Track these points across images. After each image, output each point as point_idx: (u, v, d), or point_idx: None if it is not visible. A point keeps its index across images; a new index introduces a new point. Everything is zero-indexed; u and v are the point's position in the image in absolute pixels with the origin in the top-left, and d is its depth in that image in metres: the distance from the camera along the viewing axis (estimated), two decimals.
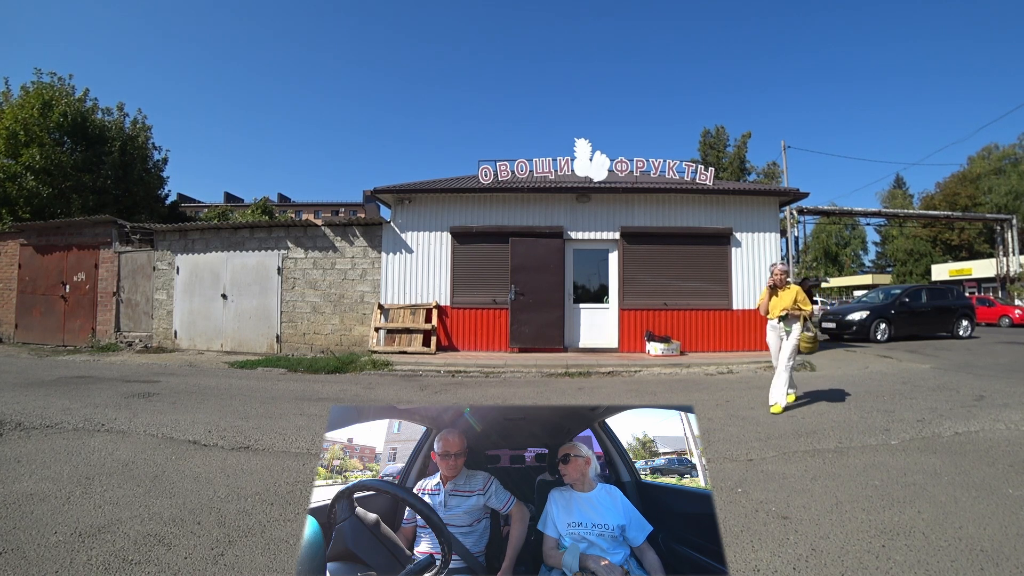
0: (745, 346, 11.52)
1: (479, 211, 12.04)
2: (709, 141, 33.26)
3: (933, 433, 5.14)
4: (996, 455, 4.44)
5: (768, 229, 11.94)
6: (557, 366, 9.76)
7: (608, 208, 11.85)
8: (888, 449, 4.61)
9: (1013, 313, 25.00)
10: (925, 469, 4.07)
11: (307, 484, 3.81)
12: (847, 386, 7.83)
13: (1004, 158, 48.27)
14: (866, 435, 5.05)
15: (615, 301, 11.67)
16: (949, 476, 3.92)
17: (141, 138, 20.93)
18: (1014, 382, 8.13)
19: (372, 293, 12.25)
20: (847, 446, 4.69)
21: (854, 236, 60.03)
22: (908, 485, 3.73)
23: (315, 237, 12.56)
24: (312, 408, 6.52)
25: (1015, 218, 33.00)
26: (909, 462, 4.24)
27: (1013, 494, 3.58)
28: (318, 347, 12.21)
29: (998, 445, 4.74)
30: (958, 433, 5.14)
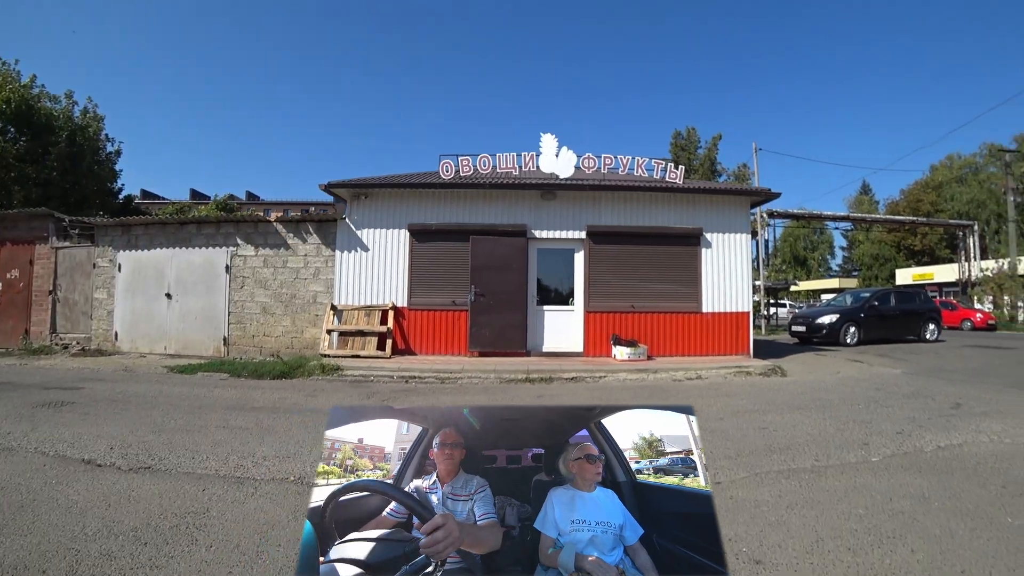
0: (715, 350, 11.10)
1: (439, 208, 11.42)
2: (680, 143, 33.15)
3: (914, 447, 4.70)
4: (985, 474, 4.01)
5: (739, 230, 11.57)
6: (518, 371, 9.21)
7: (574, 206, 11.33)
8: (869, 467, 4.14)
9: (974, 317, 25.43)
10: (912, 492, 3.60)
11: (201, 515, 3.23)
12: (820, 393, 7.44)
13: (965, 167, 49.78)
14: (844, 450, 4.58)
15: (580, 303, 11.14)
16: (939, 501, 3.45)
17: (92, 128, 19.86)
18: (987, 388, 7.89)
19: (325, 293, 11.54)
20: (825, 464, 4.21)
21: (822, 240, 61.41)
22: (896, 514, 3.24)
23: (266, 234, 11.81)
24: (239, 419, 5.87)
25: (976, 224, 33.84)
26: (893, 483, 3.77)
27: (1014, 524, 3.12)
28: (268, 350, 11.46)
29: (985, 461, 4.32)
30: (940, 447, 4.71)
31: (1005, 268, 29.11)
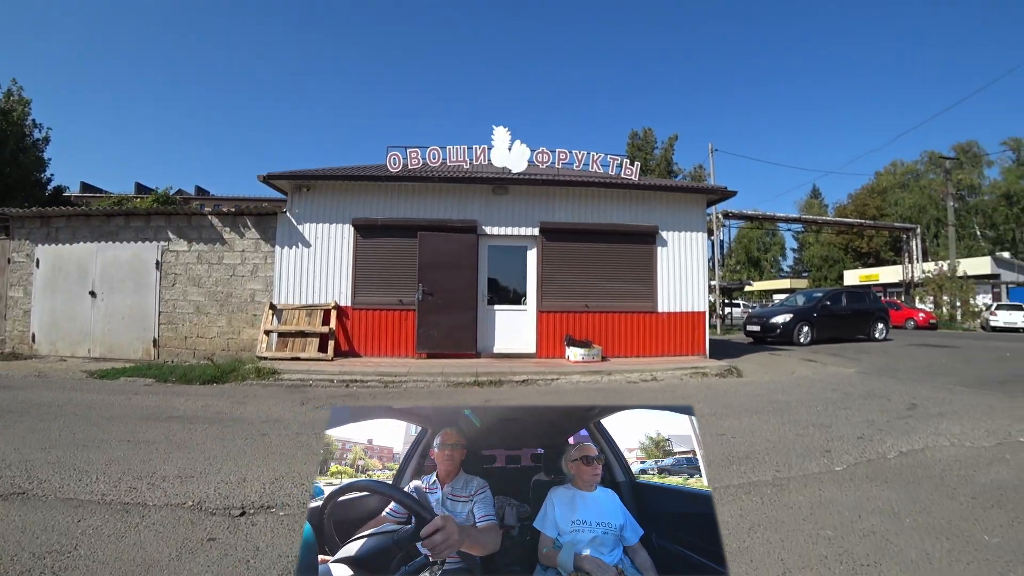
0: (671, 351, 10.84)
1: (386, 202, 10.82)
2: (637, 143, 33.25)
3: (877, 454, 4.43)
4: (952, 483, 3.74)
5: (695, 228, 11.36)
6: (466, 374, 8.73)
7: (527, 202, 10.90)
8: (833, 478, 3.82)
9: (917, 316, 26.26)
10: (881, 508, 3.27)
11: (64, 555, 2.65)
12: (777, 395, 7.21)
13: (908, 173, 52.01)
14: (806, 459, 4.26)
15: (533, 302, 10.71)
16: (911, 517, 3.13)
17: (17, 112, 18.44)
18: (938, 387, 7.85)
19: (264, 292, 10.80)
20: (787, 475, 3.86)
21: (774, 242, 63.20)
22: (867, 535, 2.89)
23: (200, 228, 10.97)
24: (149, 431, 5.21)
25: (919, 228, 35.16)
26: (860, 497, 3.45)
27: (991, 542, 2.81)
28: (202, 352, 10.65)
29: (950, 468, 4.06)
30: (903, 453, 4.45)
31: (945, 269, 30.21)
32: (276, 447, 4.75)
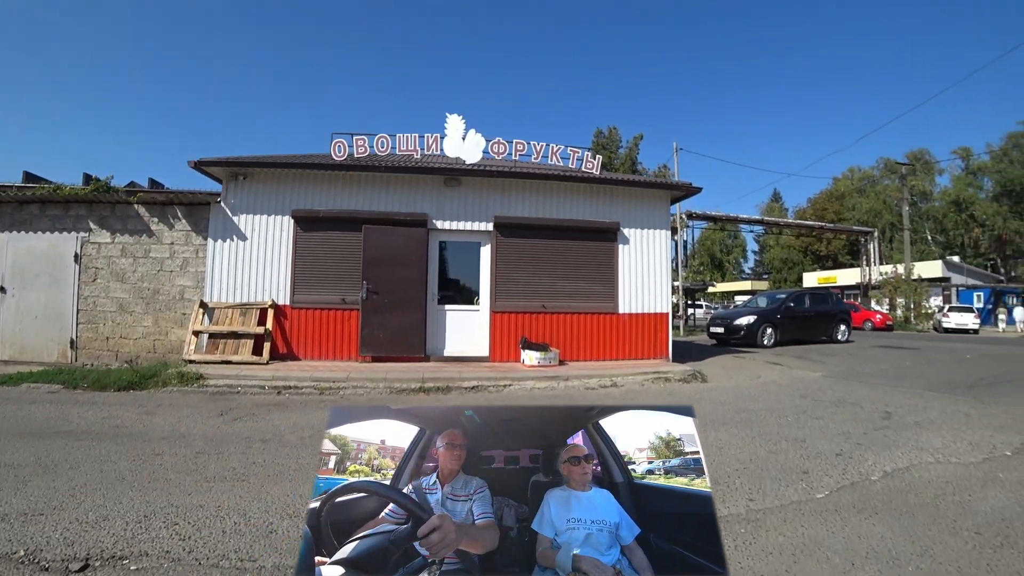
0: (632, 354, 10.29)
1: (329, 193, 9.97)
2: (602, 141, 32.91)
3: (860, 475, 3.88)
4: (950, 512, 3.21)
5: (659, 226, 10.84)
6: (412, 380, 8.01)
7: (481, 195, 10.19)
8: (816, 509, 3.24)
9: (874, 318, 26.69)
10: (877, 550, 2.69)
11: None
12: (744, 402, 6.69)
13: (864, 179, 53.46)
14: (782, 483, 3.68)
15: (487, 302, 9.99)
16: (913, 563, 2.56)
17: None
18: (908, 392, 7.51)
19: (195, 288, 9.83)
20: (762, 506, 3.26)
21: (736, 244, 64.32)
22: None
23: (125, 217, 9.93)
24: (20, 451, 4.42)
25: (876, 231, 35.89)
26: (850, 535, 2.86)
27: None
28: (125, 355, 9.64)
29: (943, 493, 3.54)
30: (887, 473, 3.92)
31: (900, 272, 30.78)
32: (164, 472, 3.96)
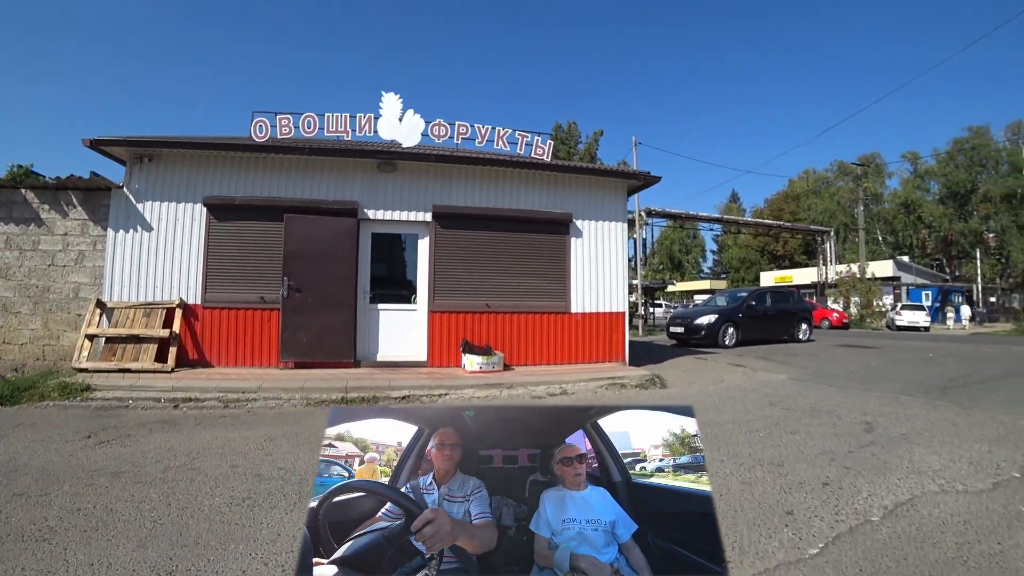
0: (586, 357, 9.45)
1: (249, 178, 8.82)
2: (561, 136, 32.18)
3: (857, 515, 3.06)
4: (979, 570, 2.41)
5: (615, 218, 10.05)
6: (333, 389, 7.02)
7: (419, 181, 9.18)
8: (811, 572, 2.39)
9: (832, 316, 26.79)
10: None
11: None
12: (708, 413, 5.89)
13: (819, 181, 54.76)
14: (763, 532, 2.82)
15: (424, 301, 8.97)
16: None
17: None
18: (884, 398, 6.89)
19: (92, 286, 8.56)
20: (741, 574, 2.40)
21: (695, 244, 65.15)
22: None
23: (11, 204, 8.58)
24: None
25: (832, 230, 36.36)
26: None
27: None
28: (9, 362, 8.36)
29: (967, 542, 2.73)
30: (889, 511, 3.13)
31: (855, 271, 31.10)
32: None
